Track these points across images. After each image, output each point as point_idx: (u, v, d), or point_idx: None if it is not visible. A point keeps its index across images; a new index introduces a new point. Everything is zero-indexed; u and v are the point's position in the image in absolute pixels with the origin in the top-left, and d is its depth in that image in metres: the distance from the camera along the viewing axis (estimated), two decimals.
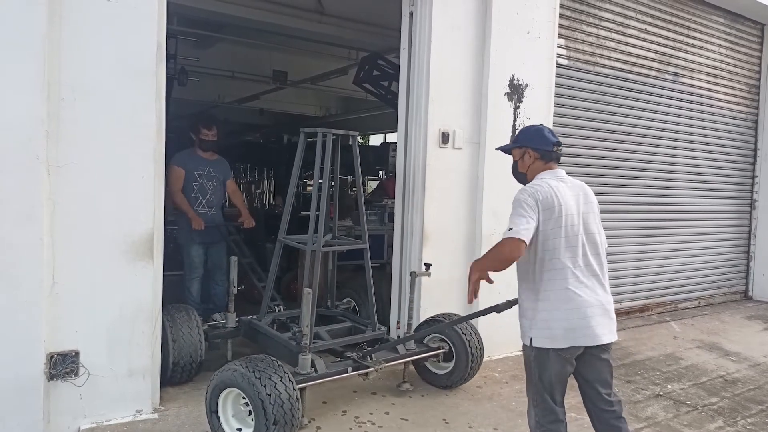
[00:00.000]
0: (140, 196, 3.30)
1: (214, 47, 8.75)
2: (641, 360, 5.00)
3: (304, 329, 3.40)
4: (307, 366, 3.38)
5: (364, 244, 4.04)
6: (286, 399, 2.93)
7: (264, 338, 3.98)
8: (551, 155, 2.73)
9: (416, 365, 4.12)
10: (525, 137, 2.82)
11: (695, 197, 6.99)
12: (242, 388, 2.96)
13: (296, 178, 4.06)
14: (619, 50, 6.07)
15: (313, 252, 3.74)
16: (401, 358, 3.87)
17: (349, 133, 3.97)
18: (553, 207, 2.58)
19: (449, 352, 4.01)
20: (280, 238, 4.04)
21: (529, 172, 2.78)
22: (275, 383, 2.93)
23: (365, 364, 3.58)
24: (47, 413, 3.08)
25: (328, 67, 9.86)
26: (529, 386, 2.70)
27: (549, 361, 2.57)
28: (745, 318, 6.74)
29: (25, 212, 2.95)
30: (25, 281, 2.96)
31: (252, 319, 4.13)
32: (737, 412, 4.02)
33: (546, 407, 2.62)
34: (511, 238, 2.50)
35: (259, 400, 2.89)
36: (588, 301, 2.56)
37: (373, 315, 4.09)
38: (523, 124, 4.85)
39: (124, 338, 3.30)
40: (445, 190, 4.59)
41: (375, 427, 3.45)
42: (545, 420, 2.62)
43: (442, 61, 4.48)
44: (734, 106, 7.30)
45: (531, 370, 2.66)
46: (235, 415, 3.09)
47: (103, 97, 3.16)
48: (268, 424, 2.86)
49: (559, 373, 2.59)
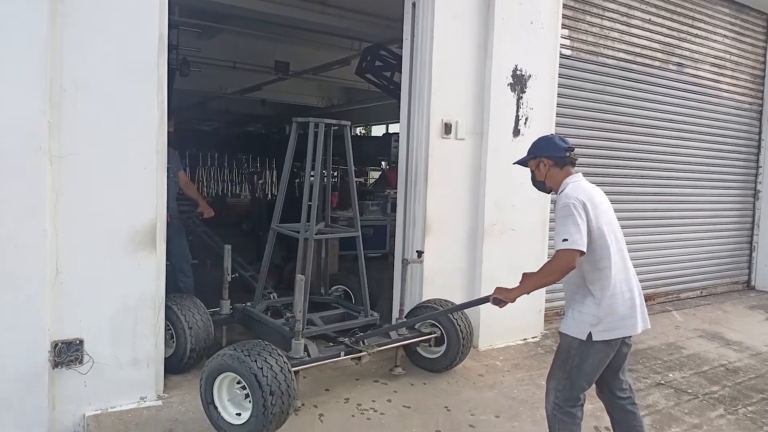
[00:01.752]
0: (142, 187, 3.32)
1: (216, 38, 8.72)
2: (643, 349, 5.01)
3: (297, 315, 3.47)
4: (300, 350, 3.45)
5: (356, 232, 4.10)
6: (279, 371, 2.97)
7: (258, 325, 4.05)
8: (565, 160, 2.81)
9: (407, 350, 4.19)
10: (537, 147, 2.90)
11: (698, 188, 6.98)
12: (234, 369, 2.99)
13: (289, 168, 4.12)
14: (623, 41, 6.04)
15: (306, 240, 3.79)
16: (394, 342, 3.93)
17: (341, 122, 4.02)
18: (596, 205, 2.68)
19: (440, 337, 4.08)
20: (273, 226, 4.12)
21: (547, 180, 2.86)
22: (266, 358, 2.98)
23: (357, 348, 3.66)
24: (52, 400, 3.11)
25: (330, 58, 9.84)
26: (557, 373, 2.75)
27: (596, 352, 2.66)
28: (747, 308, 6.74)
29: (29, 203, 2.97)
30: (30, 271, 2.99)
31: (246, 306, 4.19)
32: (738, 400, 4.04)
33: (572, 394, 2.70)
34: (568, 250, 2.54)
35: (252, 374, 2.91)
36: (634, 292, 2.72)
37: (365, 301, 4.16)
38: (525, 115, 4.84)
39: (128, 327, 3.33)
40: (448, 181, 4.59)
41: (377, 414, 3.48)
42: (566, 404, 2.70)
43: (445, 51, 4.47)
44: (738, 97, 7.26)
45: (569, 359, 2.70)
46: (231, 400, 3.11)
47: (105, 88, 3.16)
48: (265, 396, 2.89)
49: (601, 362, 2.69)
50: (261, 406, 2.90)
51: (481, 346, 4.72)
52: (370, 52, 7.67)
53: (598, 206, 2.70)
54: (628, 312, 2.67)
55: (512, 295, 2.77)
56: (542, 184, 2.91)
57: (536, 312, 5.05)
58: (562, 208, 2.64)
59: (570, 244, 2.53)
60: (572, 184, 2.76)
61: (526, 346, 4.89)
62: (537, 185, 2.95)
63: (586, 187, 2.76)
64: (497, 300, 2.83)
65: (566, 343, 2.74)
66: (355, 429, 3.27)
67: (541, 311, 5.15)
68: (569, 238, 2.54)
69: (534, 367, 4.42)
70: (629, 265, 2.78)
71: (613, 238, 2.71)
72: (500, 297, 2.79)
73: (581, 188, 2.73)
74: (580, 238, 2.53)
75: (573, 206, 2.60)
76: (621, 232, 2.82)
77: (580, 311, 2.70)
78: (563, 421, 2.71)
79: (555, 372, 2.77)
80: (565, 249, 2.53)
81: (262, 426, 2.92)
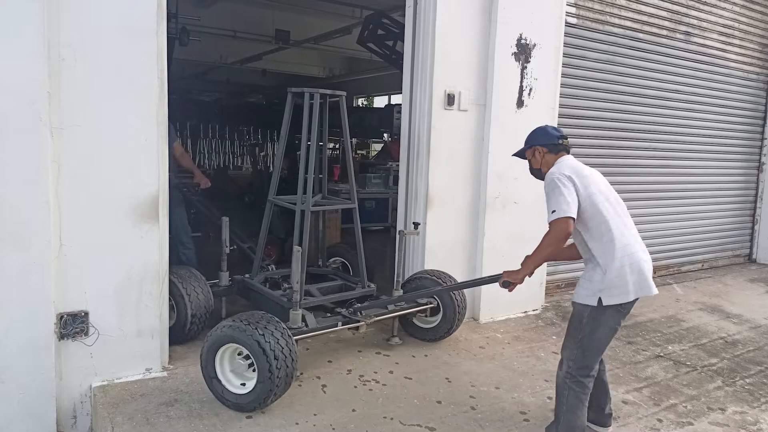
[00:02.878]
0: (144, 158, 3.30)
1: (215, 5, 8.59)
2: (643, 322, 5.05)
3: (294, 285, 3.51)
4: (298, 320, 3.50)
5: (352, 204, 4.15)
6: (280, 336, 3.02)
7: (256, 296, 4.11)
8: (558, 147, 2.95)
9: (402, 320, 4.25)
10: (532, 138, 3.04)
11: (702, 159, 6.92)
12: (236, 339, 3.03)
13: (284, 140, 4.13)
14: (629, 8, 5.91)
15: (303, 212, 3.84)
16: (391, 313, 3.99)
17: (336, 92, 4.01)
18: (584, 174, 2.81)
19: (436, 307, 4.14)
20: (270, 198, 4.15)
21: (543, 167, 2.98)
22: (265, 326, 3.03)
23: (355, 318, 3.73)
24: (59, 371, 3.15)
25: (331, 27, 9.70)
26: (571, 343, 2.84)
27: (607, 319, 2.75)
28: (747, 281, 6.77)
29: (31, 174, 2.95)
30: (34, 243, 2.99)
31: (245, 278, 4.24)
32: (736, 372, 4.09)
33: (584, 362, 2.79)
34: (558, 219, 2.66)
35: (254, 341, 2.96)
36: (641, 255, 2.79)
37: (362, 273, 4.22)
38: (530, 86, 4.78)
39: (132, 299, 3.35)
40: (450, 153, 4.56)
41: (379, 385, 3.52)
42: (579, 373, 2.80)
43: (448, 19, 4.38)
44: (746, 67, 7.14)
45: (582, 327, 2.79)
46: (234, 371, 3.15)
47: (104, 57, 3.11)
48: (270, 360, 2.93)
49: (613, 328, 2.79)
50: (267, 371, 2.94)
51: (481, 318, 4.76)
52: (372, 20, 7.55)
53: (586, 177, 2.81)
54: (636, 277, 2.73)
55: (520, 276, 2.89)
56: (539, 172, 3.02)
57: (537, 285, 5.07)
58: (549, 184, 2.79)
59: (558, 213, 2.66)
60: (558, 163, 2.90)
61: (527, 319, 4.93)
62: (534, 173, 3.08)
63: (572, 162, 2.91)
64: (507, 282, 2.94)
65: (578, 312, 2.84)
66: (357, 400, 3.32)
67: (542, 284, 5.18)
68: (557, 209, 2.68)
69: (534, 340, 4.47)
70: (633, 231, 2.84)
71: (608, 205, 2.79)
72: (510, 279, 2.92)
73: (566, 163, 2.88)
74: (567, 206, 2.66)
75: (557, 179, 2.74)
76: (619, 201, 2.89)
77: (590, 279, 2.79)
78: (573, 390, 2.80)
79: (568, 342, 2.87)
80: (556, 219, 2.67)
81: (269, 391, 2.97)
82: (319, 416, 3.10)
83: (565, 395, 2.81)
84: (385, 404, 3.29)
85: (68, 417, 3.24)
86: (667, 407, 3.48)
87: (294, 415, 3.10)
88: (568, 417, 2.80)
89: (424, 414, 3.20)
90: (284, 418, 3.06)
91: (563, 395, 2.83)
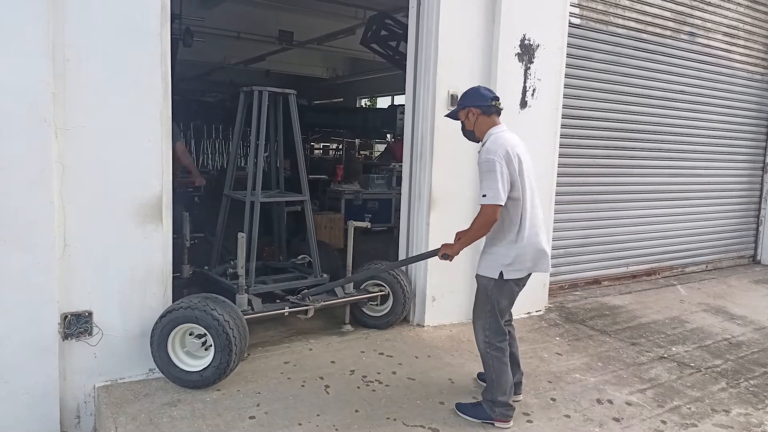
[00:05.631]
0: (148, 159, 3.30)
1: (219, 6, 8.60)
2: (646, 323, 5.04)
3: (239, 270, 3.71)
4: (244, 303, 3.71)
5: (303, 197, 4.48)
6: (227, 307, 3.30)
7: (213, 285, 4.32)
8: (491, 109, 3.06)
9: (352, 309, 4.41)
10: (465, 99, 3.14)
11: (706, 160, 6.90)
12: (186, 318, 3.20)
13: (238, 138, 4.51)
14: (633, 9, 5.90)
15: (252, 203, 4.17)
16: (340, 299, 4.19)
17: (285, 91, 4.37)
18: (512, 160, 2.91)
19: (386, 295, 4.36)
20: (226, 192, 4.48)
21: (475, 129, 3.10)
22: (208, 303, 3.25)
23: (303, 303, 3.93)
24: (63, 371, 3.16)
25: (334, 27, 9.71)
26: (481, 314, 3.08)
27: (509, 289, 3.03)
28: (752, 282, 6.74)
29: (35, 175, 2.96)
30: (38, 244, 3.00)
31: (204, 269, 4.53)
32: (740, 374, 4.07)
33: (497, 328, 3.06)
34: (489, 205, 2.85)
35: (207, 315, 3.18)
36: (542, 238, 3.06)
37: (315, 263, 4.48)
38: (533, 86, 4.77)
39: (136, 299, 3.36)
40: (454, 154, 4.54)
41: (382, 386, 3.52)
42: (495, 339, 3.06)
43: (452, 20, 4.38)
44: (750, 68, 7.12)
45: (488, 299, 3.04)
46: (188, 353, 3.31)
47: (108, 58, 3.13)
48: (225, 329, 3.17)
49: (512, 297, 3.08)
50: (224, 340, 3.17)
51: None
52: (375, 21, 7.56)
53: (520, 161, 2.94)
54: (535, 256, 3.01)
55: (455, 250, 3.10)
56: (471, 134, 3.14)
57: (541, 286, 5.06)
58: (484, 163, 2.89)
59: (488, 199, 2.84)
60: (494, 135, 2.99)
61: (530, 320, 4.93)
62: (467, 134, 3.18)
63: (508, 137, 2.99)
64: (446, 255, 3.12)
65: (482, 285, 3.07)
66: (360, 400, 3.32)
67: (546, 285, 5.17)
68: (488, 194, 2.84)
69: (537, 340, 4.46)
70: (540, 216, 3.08)
71: (529, 192, 2.98)
72: (448, 252, 3.11)
73: (503, 139, 2.96)
74: (498, 193, 2.82)
75: (493, 161, 2.85)
76: (536, 184, 3.08)
77: (493, 254, 3.02)
78: (495, 356, 3.06)
79: (479, 313, 3.10)
80: (486, 204, 2.85)
81: (228, 357, 3.17)
82: (322, 417, 3.10)
83: (490, 363, 3.07)
84: (388, 405, 3.29)
85: (72, 417, 3.25)
86: (671, 409, 3.47)
87: (297, 415, 3.10)
88: (498, 379, 3.06)
89: (427, 415, 3.19)
90: (287, 418, 3.06)
91: (489, 363, 3.08)
